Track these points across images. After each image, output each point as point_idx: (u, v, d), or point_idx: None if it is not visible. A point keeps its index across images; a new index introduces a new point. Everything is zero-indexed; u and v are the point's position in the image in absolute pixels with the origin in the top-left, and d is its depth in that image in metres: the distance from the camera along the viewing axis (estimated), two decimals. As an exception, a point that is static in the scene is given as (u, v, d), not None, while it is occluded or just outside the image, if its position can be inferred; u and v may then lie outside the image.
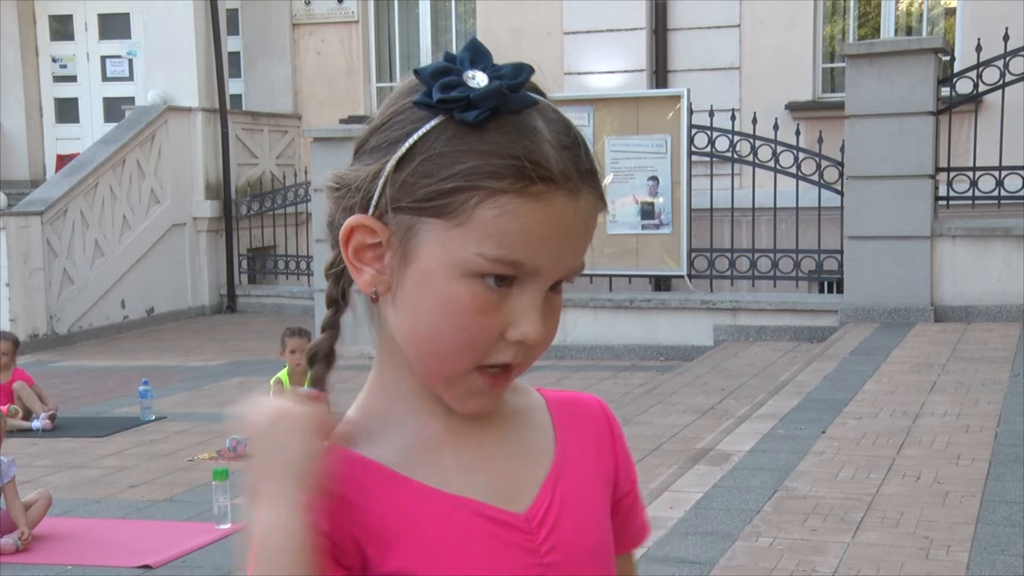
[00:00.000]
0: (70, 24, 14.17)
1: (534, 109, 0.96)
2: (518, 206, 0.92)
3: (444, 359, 0.96)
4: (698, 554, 3.80)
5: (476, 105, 0.93)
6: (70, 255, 11.37)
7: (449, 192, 0.93)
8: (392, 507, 0.97)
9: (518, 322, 0.95)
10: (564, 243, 0.95)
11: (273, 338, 8.36)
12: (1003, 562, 3.65)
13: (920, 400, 5.94)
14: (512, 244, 0.93)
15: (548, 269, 0.95)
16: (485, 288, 0.93)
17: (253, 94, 13.92)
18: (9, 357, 7.43)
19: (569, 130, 0.97)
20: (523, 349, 0.96)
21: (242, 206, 13.11)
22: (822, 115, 11.10)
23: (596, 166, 0.98)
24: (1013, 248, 8.37)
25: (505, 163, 0.92)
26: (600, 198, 0.99)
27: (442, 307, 0.94)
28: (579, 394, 1.14)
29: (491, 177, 0.92)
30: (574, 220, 0.96)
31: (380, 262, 0.97)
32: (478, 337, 0.95)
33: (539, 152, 0.93)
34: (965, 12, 11.34)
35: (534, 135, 0.94)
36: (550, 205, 0.93)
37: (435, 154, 0.93)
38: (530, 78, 0.97)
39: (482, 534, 0.98)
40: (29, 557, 4.79)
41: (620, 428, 1.13)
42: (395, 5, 13.57)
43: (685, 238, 9.47)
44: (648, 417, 6.69)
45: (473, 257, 0.93)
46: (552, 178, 0.93)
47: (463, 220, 0.93)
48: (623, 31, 12.11)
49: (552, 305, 0.98)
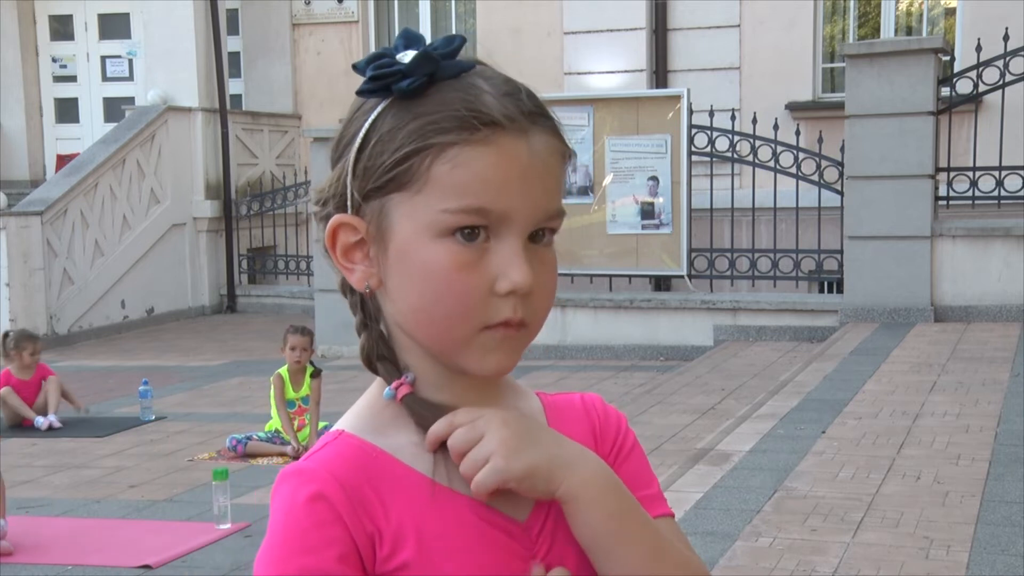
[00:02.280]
0: (70, 24, 14.17)
1: (472, 72, 0.98)
2: (468, 154, 0.94)
3: (443, 327, 0.96)
4: (698, 554, 3.80)
5: (409, 74, 0.96)
6: (70, 255, 11.37)
7: (403, 159, 0.95)
8: (402, 500, 0.97)
9: (504, 272, 0.95)
10: (524, 183, 0.96)
11: (273, 338, 8.38)
12: (1003, 562, 3.65)
13: (920, 400, 5.94)
14: (472, 192, 0.94)
15: (518, 213, 0.95)
16: (459, 245, 0.95)
17: (253, 94, 13.92)
18: (38, 356, 7.53)
19: (509, 81, 0.99)
20: (521, 302, 0.96)
21: (242, 206, 13.11)
22: (822, 115, 11.11)
23: (545, 109, 0.99)
24: (1013, 248, 8.37)
25: (447, 116, 0.95)
26: (556, 137, 0.99)
27: (425, 275, 0.96)
28: (570, 395, 1.14)
29: (437, 133, 0.94)
30: (530, 160, 0.96)
31: (367, 257, 0.99)
32: (467, 296, 0.95)
33: (479, 101, 0.95)
34: (965, 12, 11.34)
35: (472, 89, 0.96)
36: (500, 147, 0.95)
37: (385, 132, 0.96)
38: (462, 47, 0.99)
39: (488, 539, 0.99)
40: (29, 557, 4.78)
41: (606, 418, 1.11)
42: (395, 5, 13.58)
43: (685, 238, 9.47)
44: (648, 417, 6.69)
45: (438, 215, 0.94)
46: (496, 121, 0.95)
47: (422, 184, 0.95)
48: (623, 31, 12.11)
49: (542, 257, 0.98)
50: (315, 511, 0.95)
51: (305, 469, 0.97)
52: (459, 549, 0.97)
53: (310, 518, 0.95)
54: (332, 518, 0.94)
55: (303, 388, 6.58)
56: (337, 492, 0.95)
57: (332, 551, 0.94)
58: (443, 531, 0.97)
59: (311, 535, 0.94)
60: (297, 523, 0.95)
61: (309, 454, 1.00)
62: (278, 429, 6.51)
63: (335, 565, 0.94)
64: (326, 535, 0.94)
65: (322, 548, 0.94)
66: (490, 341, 0.97)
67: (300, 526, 0.95)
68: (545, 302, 0.98)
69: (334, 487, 0.95)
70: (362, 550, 0.95)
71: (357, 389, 1.04)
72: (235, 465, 6.12)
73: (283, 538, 0.95)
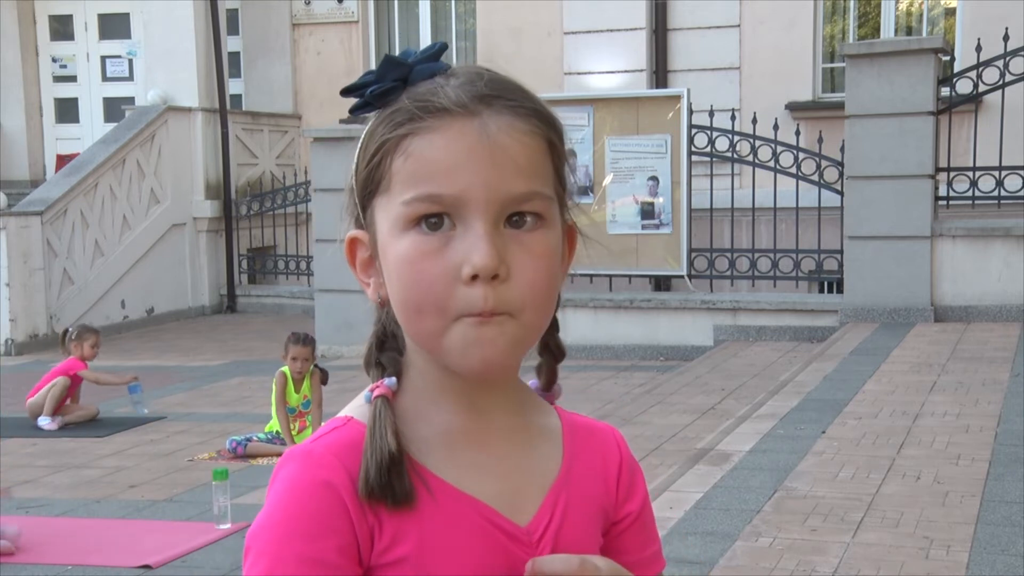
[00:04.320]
0: (70, 24, 14.17)
1: (447, 73, 0.98)
2: (417, 144, 0.95)
3: (418, 320, 0.96)
4: (698, 554, 3.80)
5: (378, 80, 0.98)
6: (70, 255, 11.37)
7: (376, 166, 0.97)
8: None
9: (467, 256, 0.93)
10: (478, 165, 0.94)
11: (273, 338, 8.39)
12: (1003, 562, 3.65)
13: (920, 400, 5.94)
14: (424, 179, 0.94)
15: (474, 195, 0.93)
16: (422, 235, 0.95)
17: (253, 94, 13.92)
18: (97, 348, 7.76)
19: (479, 74, 0.98)
20: (492, 290, 0.93)
21: (242, 206, 13.11)
22: (822, 115, 11.10)
23: (507, 92, 0.97)
24: (1013, 248, 8.37)
25: (400, 112, 0.96)
26: (523, 118, 0.97)
27: (397, 270, 0.96)
28: (594, 421, 1.14)
29: (392, 128, 0.96)
30: (481, 140, 0.94)
31: (377, 269, 1.01)
32: (433, 284, 0.94)
33: (431, 93, 0.96)
34: (965, 12, 11.34)
35: (432, 86, 0.97)
36: (448, 132, 0.95)
37: (367, 142, 0.99)
38: (443, 51, 1.00)
39: (488, 541, 0.99)
40: (29, 557, 4.78)
41: (632, 459, 1.12)
42: (395, 5, 13.57)
43: (685, 238, 9.47)
44: (648, 417, 6.69)
45: (400, 208, 0.95)
46: (444, 108, 0.95)
47: (388, 181, 0.96)
48: (623, 31, 12.11)
49: (526, 243, 0.96)
50: (321, 497, 0.94)
51: (313, 452, 0.97)
52: (460, 548, 0.97)
53: (315, 505, 0.94)
54: (338, 508, 0.94)
55: (304, 388, 6.57)
56: (344, 481, 0.95)
57: (332, 541, 0.94)
58: (445, 529, 0.97)
59: (313, 521, 0.94)
60: (301, 506, 0.94)
61: (315, 436, 0.99)
62: (278, 431, 6.51)
63: (334, 555, 0.94)
64: (329, 524, 0.94)
65: (323, 536, 0.94)
66: (469, 332, 0.94)
67: (304, 510, 0.94)
68: (529, 289, 0.95)
69: (342, 475, 0.95)
70: (361, 542, 0.95)
71: (357, 389, 1.04)
72: (235, 465, 6.12)
73: (283, 517, 0.94)
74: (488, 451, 1.02)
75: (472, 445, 1.01)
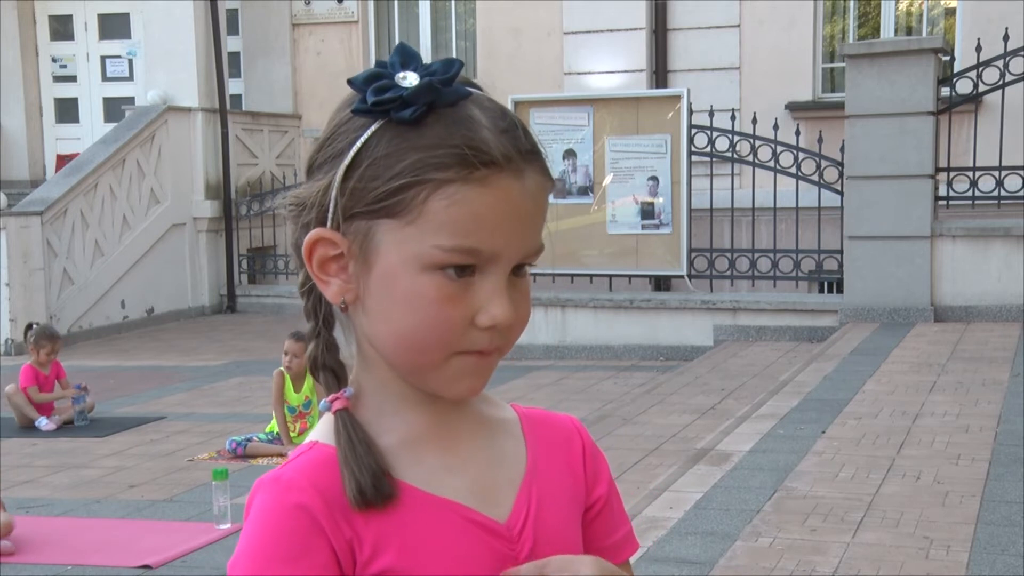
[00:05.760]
0: (70, 24, 14.17)
1: (469, 100, 0.97)
2: (465, 193, 0.94)
3: (420, 353, 0.97)
4: (698, 554, 3.80)
5: (410, 102, 0.95)
6: (70, 255, 11.37)
7: (398, 190, 0.94)
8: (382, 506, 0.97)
9: (486, 307, 0.96)
10: (517, 224, 0.96)
11: (273, 338, 8.39)
12: (1003, 562, 3.65)
13: (920, 400, 5.95)
14: (466, 232, 0.94)
15: (506, 252, 0.96)
16: (447, 279, 0.95)
17: (253, 94, 13.92)
18: (54, 355, 7.68)
19: (505, 115, 0.98)
20: (497, 333, 0.97)
21: (242, 206, 13.11)
22: (822, 115, 11.11)
23: (537, 146, 1.00)
24: (1013, 248, 8.38)
25: (447, 153, 0.94)
26: (545, 175, 1.00)
27: (409, 304, 0.96)
28: (550, 412, 1.15)
29: (436, 169, 0.94)
30: (522, 200, 0.96)
31: (345, 272, 0.99)
32: (448, 328, 0.96)
33: (478, 138, 0.95)
34: (965, 12, 11.35)
35: (471, 123, 0.95)
36: (497, 188, 0.95)
37: (379, 156, 0.95)
38: (460, 71, 0.98)
39: (471, 539, 0.99)
40: (29, 557, 4.78)
41: (593, 445, 1.14)
42: (395, 5, 13.57)
43: (685, 238, 9.47)
44: (648, 417, 6.69)
45: (430, 250, 0.94)
46: (495, 161, 0.94)
47: (415, 216, 0.94)
48: (623, 31, 12.11)
49: (519, 288, 0.99)
50: (295, 521, 0.94)
51: (283, 477, 0.97)
52: (443, 550, 0.98)
53: (290, 528, 0.94)
54: (314, 529, 0.95)
55: (304, 389, 6.57)
56: (318, 502, 0.95)
57: (311, 560, 0.94)
58: (427, 533, 0.98)
59: (291, 544, 0.94)
60: (277, 531, 0.95)
61: (284, 463, 1.00)
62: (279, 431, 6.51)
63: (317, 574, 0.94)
64: (306, 545, 0.94)
65: (302, 557, 0.94)
66: (464, 367, 0.98)
67: (280, 535, 0.94)
68: (519, 329, 1.00)
69: (315, 497, 0.95)
70: (342, 558, 0.95)
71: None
72: (235, 465, 6.12)
73: (261, 544, 0.95)
74: (454, 452, 1.03)
75: (437, 449, 1.02)
